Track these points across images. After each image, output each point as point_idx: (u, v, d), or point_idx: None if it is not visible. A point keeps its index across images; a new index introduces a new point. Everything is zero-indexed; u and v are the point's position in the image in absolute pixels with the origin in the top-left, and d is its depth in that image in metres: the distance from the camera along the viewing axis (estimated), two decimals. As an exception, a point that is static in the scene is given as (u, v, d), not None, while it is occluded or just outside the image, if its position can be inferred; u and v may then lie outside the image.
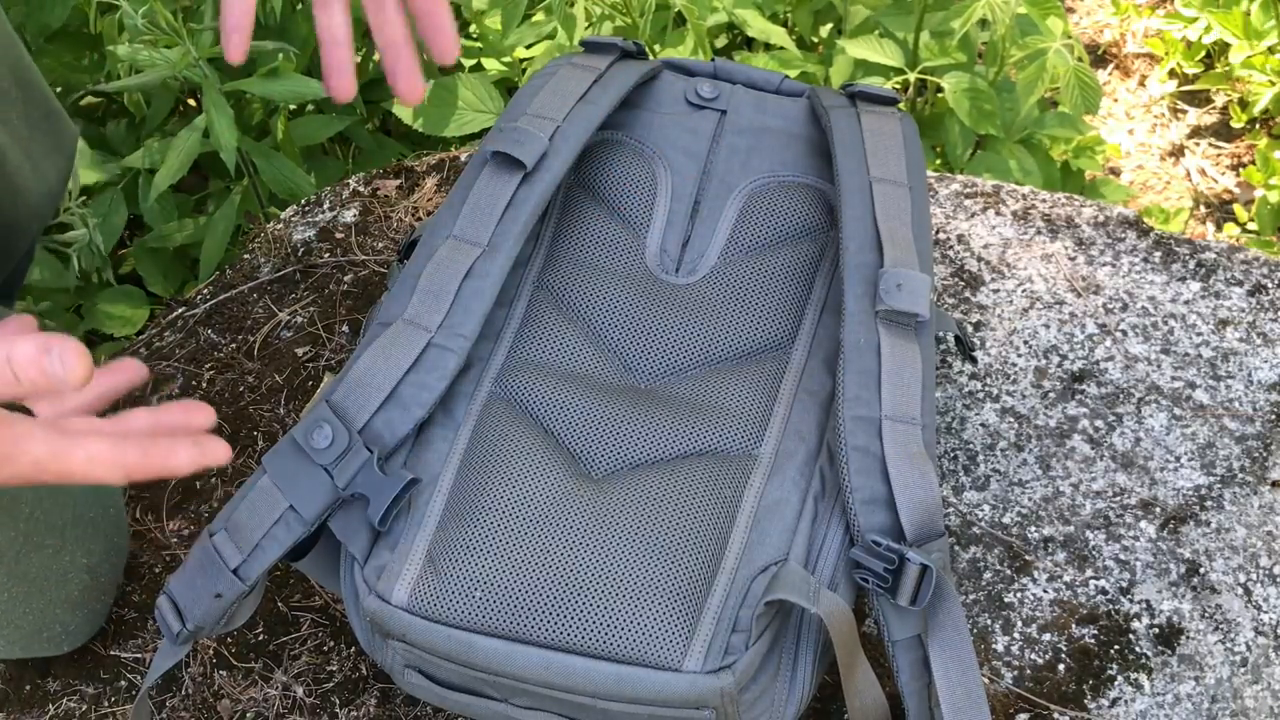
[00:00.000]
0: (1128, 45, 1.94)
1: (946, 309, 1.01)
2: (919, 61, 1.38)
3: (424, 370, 0.74)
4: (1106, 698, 0.82)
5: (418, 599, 0.69)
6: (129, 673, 0.89)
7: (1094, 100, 1.28)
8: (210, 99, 1.21)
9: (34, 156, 0.85)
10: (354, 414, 0.72)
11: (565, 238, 0.83)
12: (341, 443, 0.71)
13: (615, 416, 0.76)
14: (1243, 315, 1.00)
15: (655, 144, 0.86)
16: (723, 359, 0.79)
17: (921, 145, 0.88)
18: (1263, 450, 0.92)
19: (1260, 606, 0.85)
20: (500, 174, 0.80)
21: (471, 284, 0.76)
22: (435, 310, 0.76)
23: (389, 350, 0.74)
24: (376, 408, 0.72)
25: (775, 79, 0.90)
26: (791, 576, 0.69)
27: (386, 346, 0.74)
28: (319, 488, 0.70)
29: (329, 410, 0.72)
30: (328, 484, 0.70)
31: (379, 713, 0.85)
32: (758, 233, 0.83)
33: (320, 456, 0.70)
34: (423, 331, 0.75)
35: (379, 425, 0.72)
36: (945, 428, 0.94)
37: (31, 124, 0.86)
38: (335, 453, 0.70)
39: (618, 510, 0.72)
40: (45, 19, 1.27)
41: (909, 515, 0.71)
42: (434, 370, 0.74)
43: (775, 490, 0.73)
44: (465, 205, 0.80)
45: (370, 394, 0.73)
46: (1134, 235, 1.05)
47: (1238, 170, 1.78)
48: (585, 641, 0.68)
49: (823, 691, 0.82)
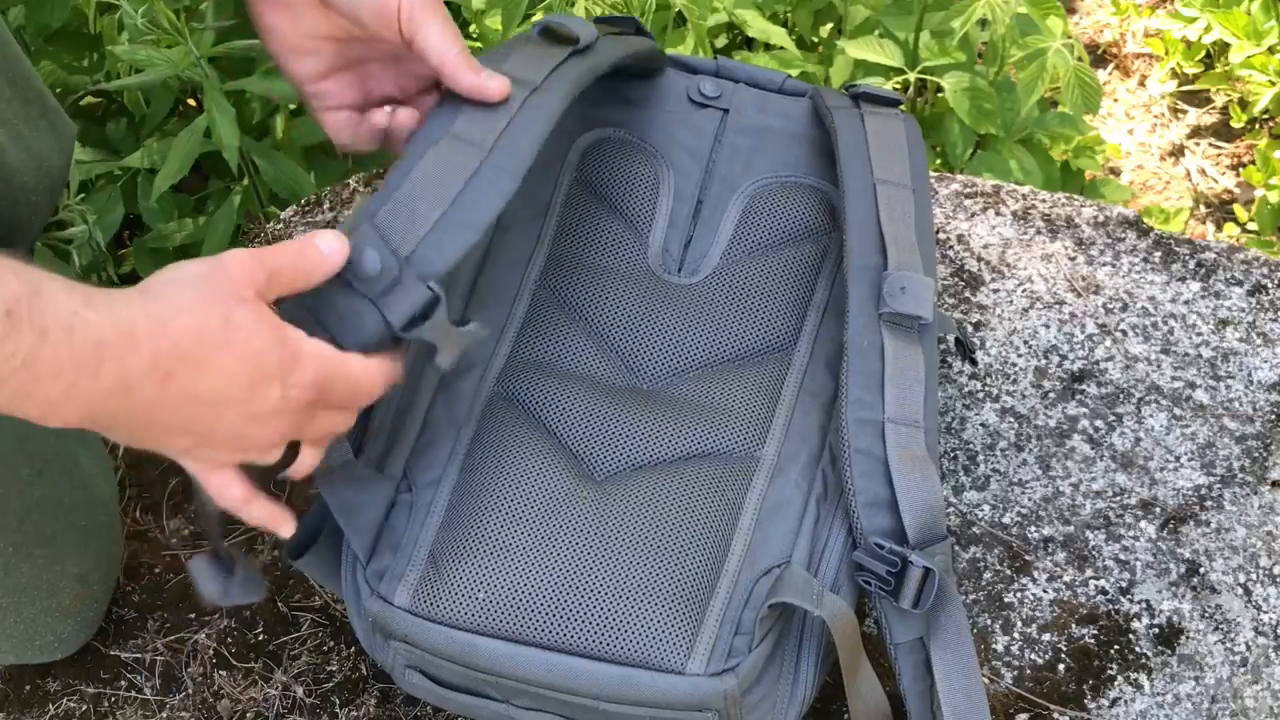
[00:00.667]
0: (1128, 45, 1.94)
1: (947, 309, 1.01)
2: (919, 61, 1.37)
3: (476, 192, 0.68)
4: (1106, 698, 0.82)
5: (420, 600, 0.69)
6: (129, 673, 0.89)
7: (1094, 100, 1.28)
8: (211, 98, 1.21)
9: (35, 153, 0.85)
10: (401, 236, 0.65)
11: (567, 237, 0.83)
12: (391, 273, 0.64)
13: (618, 418, 0.76)
14: (1243, 315, 1.00)
15: (657, 142, 0.86)
16: (725, 360, 0.79)
17: (924, 147, 0.88)
18: (1263, 450, 0.92)
19: (1260, 606, 0.85)
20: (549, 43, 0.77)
21: (525, 113, 0.72)
22: (489, 126, 0.70)
23: (439, 166, 0.68)
24: (427, 230, 0.66)
25: (778, 78, 0.90)
26: (795, 579, 0.69)
27: (436, 162, 0.69)
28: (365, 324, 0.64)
29: (374, 233, 0.65)
30: (377, 321, 0.64)
31: (379, 713, 0.85)
32: (760, 233, 0.83)
33: (368, 286, 0.64)
34: (475, 149, 0.69)
35: (428, 250, 0.65)
36: (945, 428, 0.94)
37: (30, 121, 0.86)
38: (384, 284, 0.64)
39: (620, 512, 0.72)
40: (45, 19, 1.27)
41: (911, 518, 0.71)
42: (487, 192, 0.68)
43: (777, 492, 0.73)
44: (513, 57, 0.75)
45: (416, 219, 0.66)
46: (1134, 235, 1.05)
47: (1238, 170, 1.78)
48: (588, 643, 0.68)
49: (823, 692, 0.82)
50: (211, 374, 0.57)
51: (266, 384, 0.59)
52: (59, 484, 0.80)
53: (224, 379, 0.57)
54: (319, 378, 0.61)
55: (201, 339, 0.56)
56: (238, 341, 0.57)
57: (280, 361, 0.59)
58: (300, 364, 0.60)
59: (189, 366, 0.56)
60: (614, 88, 0.87)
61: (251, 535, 0.94)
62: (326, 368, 0.61)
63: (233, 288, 0.58)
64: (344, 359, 0.63)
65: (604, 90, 0.86)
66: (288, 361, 0.59)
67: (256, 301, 0.59)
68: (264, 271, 0.60)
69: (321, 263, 0.63)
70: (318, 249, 0.63)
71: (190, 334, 0.56)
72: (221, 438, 0.60)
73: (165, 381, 0.56)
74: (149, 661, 0.89)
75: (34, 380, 0.51)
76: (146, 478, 0.98)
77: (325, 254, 0.63)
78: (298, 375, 0.60)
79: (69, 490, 0.81)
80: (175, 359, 0.56)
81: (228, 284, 0.58)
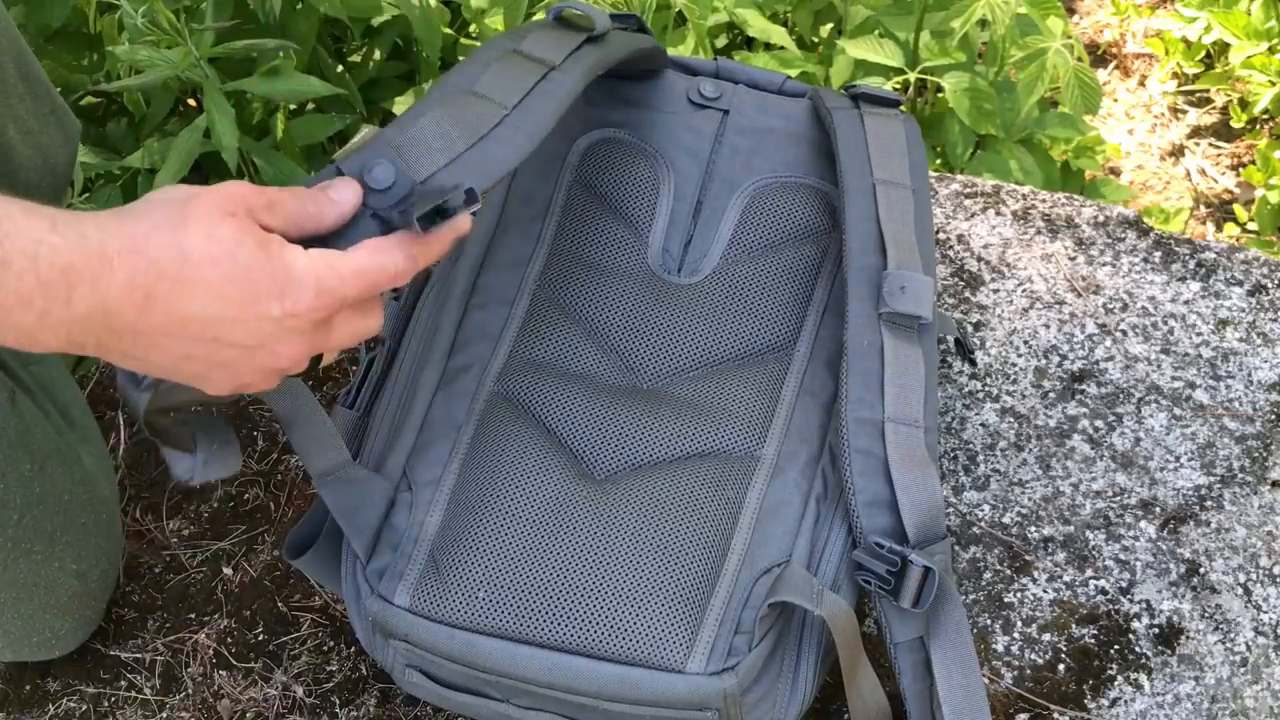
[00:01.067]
0: (1128, 45, 1.94)
1: (947, 309, 1.01)
2: (919, 61, 1.37)
3: (494, 142, 0.67)
4: (1106, 698, 0.82)
5: (420, 599, 0.69)
6: (129, 673, 0.89)
7: (1094, 100, 1.28)
8: (211, 99, 1.21)
9: (42, 150, 0.85)
10: (416, 163, 0.64)
11: (567, 237, 0.83)
12: (403, 188, 0.62)
13: (618, 417, 0.76)
14: (1243, 315, 1.00)
15: (657, 143, 0.86)
16: (725, 360, 0.79)
17: (924, 147, 0.88)
18: (1263, 450, 0.92)
19: (1260, 606, 0.85)
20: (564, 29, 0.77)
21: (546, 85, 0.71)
22: (511, 91, 0.70)
23: (458, 114, 0.67)
24: (439, 167, 0.64)
25: (778, 79, 0.90)
26: (795, 578, 0.69)
27: (453, 111, 0.67)
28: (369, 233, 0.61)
29: (389, 148, 0.64)
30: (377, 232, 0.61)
31: (379, 713, 0.85)
32: (760, 233, 0.83)
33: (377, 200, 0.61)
34: (497, 107, 0.69)
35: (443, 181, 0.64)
36: (945, 428, 0.94)
37: (41, 117, 0.86)
38: (394, 198, 0.62)
39: (620, 511, 0.72)
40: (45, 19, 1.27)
41: (911, 517, 0.71)
42: (504, 145, 0.67)
43: (777, 492, 0.73)
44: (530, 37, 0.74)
45: (432, 152, 0.64)
46: (1134, 235, 1.05)
47: (1238, 170, 1.78)
48: (588, 642, 0.68)
49: (823, 692, 0.82)
50: (199, 293, 0.54)
51: (262, 301, 0.55)
52: (59, 480, 0.80)
53: (212, 297, 0.54)
54: (323, 288, 0.57)
55: (184, 255, 0.53)
56: (221, 256, 0.54)
57: (272, 276, 0.55)
58: (295, 280, 0.56)
59: (170, 285, 0.53)
60: (614, 89, 0.87)
61: (251, 535, 0.94)
62: (328, 276, 0.57)
63: (218, 204, 0.55)
64: (346, 258, 0.58)
65: (604, 91, 0.87)
66: (280, 277, 0.56)
67: (245, 218, 0.55)
68: (262, 198, 0.57)
69: (330, 207, 0.60)
70: (328, 194, 0.60)
71: (169, 249, 0.53)
72: (231, 361, 0.57)
73: (147, 302, 0.53)
74: (149, 661, 0.89)
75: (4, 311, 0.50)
76: (146, 478, 0.98)
77: (336, 200, 0.60)
78: (295, 292, 0.56)
79: (69, 487, 0.81)
80: (154, 277, 0.52)
81: (215, 199, 0.55)
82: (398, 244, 0.60)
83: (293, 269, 0.56)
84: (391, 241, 0.60)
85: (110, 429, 1.00)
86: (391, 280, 0.60)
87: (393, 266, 0.60)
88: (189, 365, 0.57)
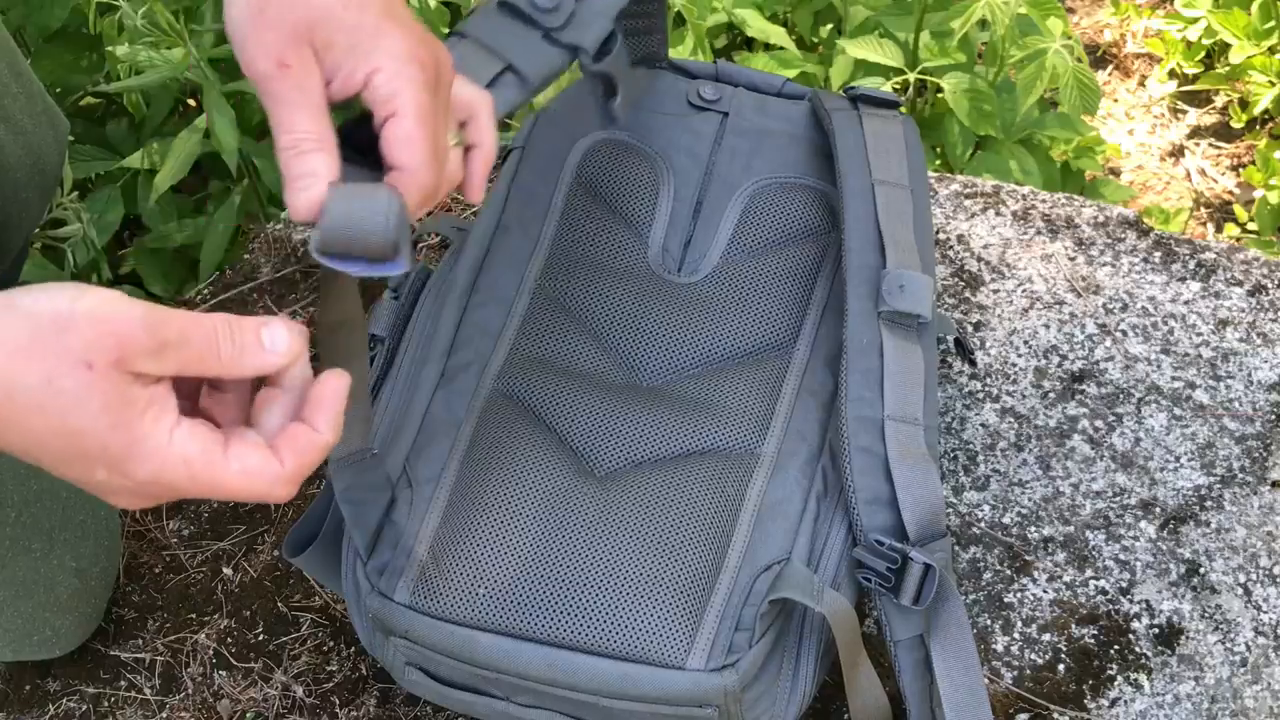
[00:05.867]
0: (1128, 45, 1.94)
1: (947, 309, 1.01)
2: (919, 62, 1.38)
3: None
4: (1106, 698, 0.82)
5: (420, 596, 0.69)
6: (129, 673, 0.89)
7: (1093, 101, 1.28)
8: (211, 100, 1.21)
9: (32, 149, 0.85)
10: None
11: (566, 236, 0.83)
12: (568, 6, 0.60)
13: (618, 414, 0.76)
14: (1243, 315, 1.00)
15: (657, 144, 0.86)
16: (725, 358, 0.79)
17: (923, 148, 0.88)
18: (1263, 450, 0.92)
19: (1260, 606, 0.85)
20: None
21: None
22: None
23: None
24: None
25: (777, 82, 0.90)
26: (795, 575, 0.69)
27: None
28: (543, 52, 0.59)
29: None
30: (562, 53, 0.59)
31: (379, 713, 0.85)
32: (760, 233, 0.84)
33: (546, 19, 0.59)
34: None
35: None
36: (945, 428, 0.94)
37: (33, 116, 0.86)
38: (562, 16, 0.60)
39: (621, 508, 0.72)
40: (45, 19, 1.27)
41: (912, 515, 0.71)
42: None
43: (778, 489, 0.73)
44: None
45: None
46: (1134, 235, 1.05)
47: (1238, 170, 1.78)
48: (588, 639, 0.68)
49: (823, 692, 0.82)
50: (18, 433, 0.48)
51: (85, 465, 0.49)
52: (56, 479, 0.80)
53: (31, 443, 0.49)
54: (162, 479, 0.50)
55: (9, 393, 0.47)
56: (51, 410, 0.47)
57: (105, 447, 0.49)
58: (134, 459, 0.49)
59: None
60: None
61: (251, 535, 0.94)
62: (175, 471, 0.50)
63: (81, 346, 0.48)
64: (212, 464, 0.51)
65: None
66: (115, 450, 0.49)
67: (107, 373, 0.48)
68: (153, 340, 0.49)
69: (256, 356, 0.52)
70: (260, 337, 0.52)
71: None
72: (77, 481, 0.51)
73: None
74: (149, 661, 0.89)
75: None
76: (146, 478, 0.98)
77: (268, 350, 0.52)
78: (130, 468, 0.49)
79: (66, 485, 0.81)
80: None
81: (77, 338, 0.48)
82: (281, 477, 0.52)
83: (135, 446, 0.49)
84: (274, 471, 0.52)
85: (110, 429, 1.00)
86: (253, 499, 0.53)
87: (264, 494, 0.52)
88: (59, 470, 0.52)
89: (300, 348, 0.53)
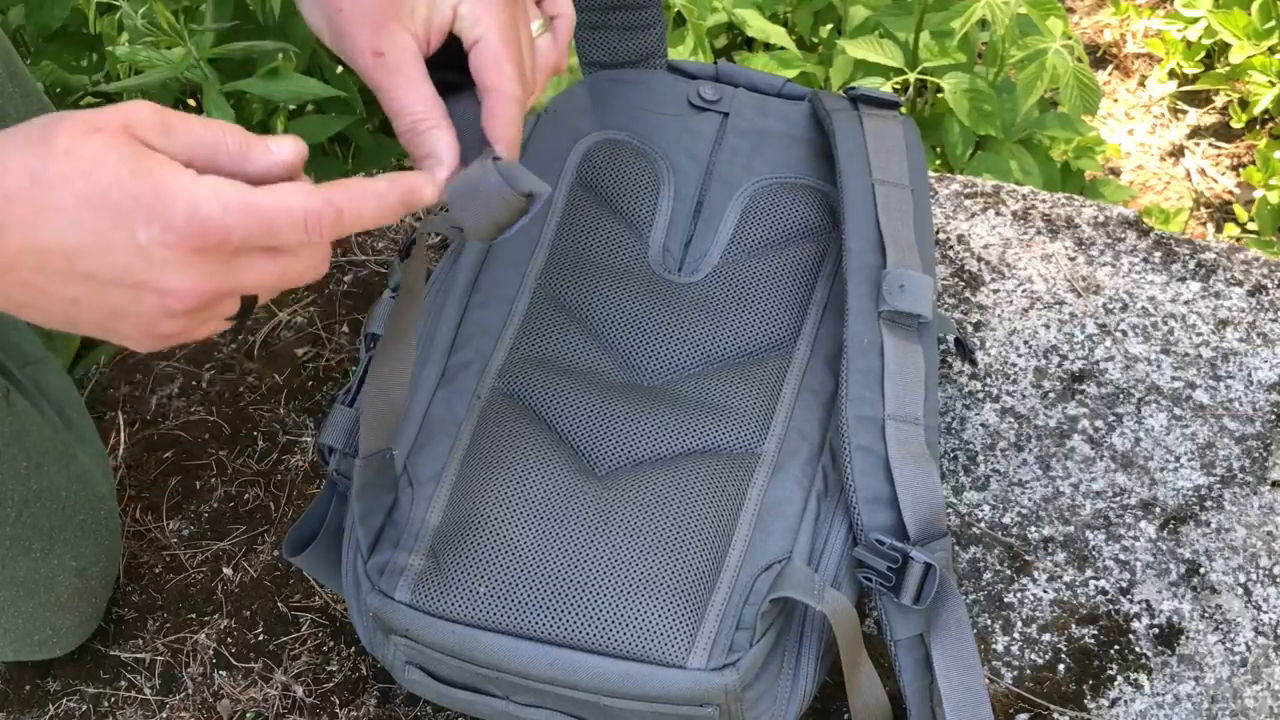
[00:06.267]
0: (1128, 45, 1.94)
1: (947, 309, 1.01)
2: (919, 62, 1.38)
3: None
4: (1106, 698, 0.82)
5: (421, 594, 0.69)
6: (129, 673, 0.89)
7: (1093, 101, 1.28)
8: (210, 99, 1.21)
9: None
10: None
11: (567, 236, 0.83)
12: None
13: (619, 414, 0.76)
14: (1243, 315, 1.00)
15: (657, 145, 0.86)
16: (725, 358, 0.79)
17: (923, 148, 0.88)
18: (1263, 450, 0.92)
19: (1260, 606, 0.85)
20: None
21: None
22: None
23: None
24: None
25: (777, 82, 0.90)
26: (796, 574, 0.69)
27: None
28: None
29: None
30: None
31: (379, 713, 0.85)
32: (760, 233, 0.84)
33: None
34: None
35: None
36: (945, 428, 0.94)
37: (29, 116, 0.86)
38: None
39: (622, 507, 0.72)
40: (45, 19, 1.27)
41: (912, 514, 0.71)
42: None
43: (778, 488, 0.73)
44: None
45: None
46: (1134, 235, 1.05)
47: (1238, 170, 1.78)
48: (589, 638, 0.68)
49: (823, 691, 0.82)
50: (51, 217, 0.48)
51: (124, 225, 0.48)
52: (56, 478, 0.80)
53: (66, 222, 0.48)
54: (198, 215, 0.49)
55: (34, 176, 0.47)
56: (73, 175, 0.47)
57: (135, 196, 0.48)
58: (164, 201, 0.48)
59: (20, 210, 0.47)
60: (615, 92, 0.88)
61: (251, 535, 0.94)
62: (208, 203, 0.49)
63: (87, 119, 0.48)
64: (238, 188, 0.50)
65: (605, 94, 0.87)
66: (146, 197, 0.48)
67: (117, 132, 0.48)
68: (156, 118, 0.50)
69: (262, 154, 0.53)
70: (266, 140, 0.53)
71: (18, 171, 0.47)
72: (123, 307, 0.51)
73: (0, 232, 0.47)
74: (149, 661, 0.89)
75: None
76: (146, 478, 0.98)
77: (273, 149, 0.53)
78: (163, 214, 0.48)
79: (66, 484, 0.81)
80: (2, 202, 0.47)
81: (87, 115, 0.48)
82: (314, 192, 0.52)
83: (163, 188, 0.49)
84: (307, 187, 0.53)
85: (110, 429, 1.00)
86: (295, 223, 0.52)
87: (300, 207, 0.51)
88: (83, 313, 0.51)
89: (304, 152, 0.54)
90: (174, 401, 1.01)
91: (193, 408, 1.01)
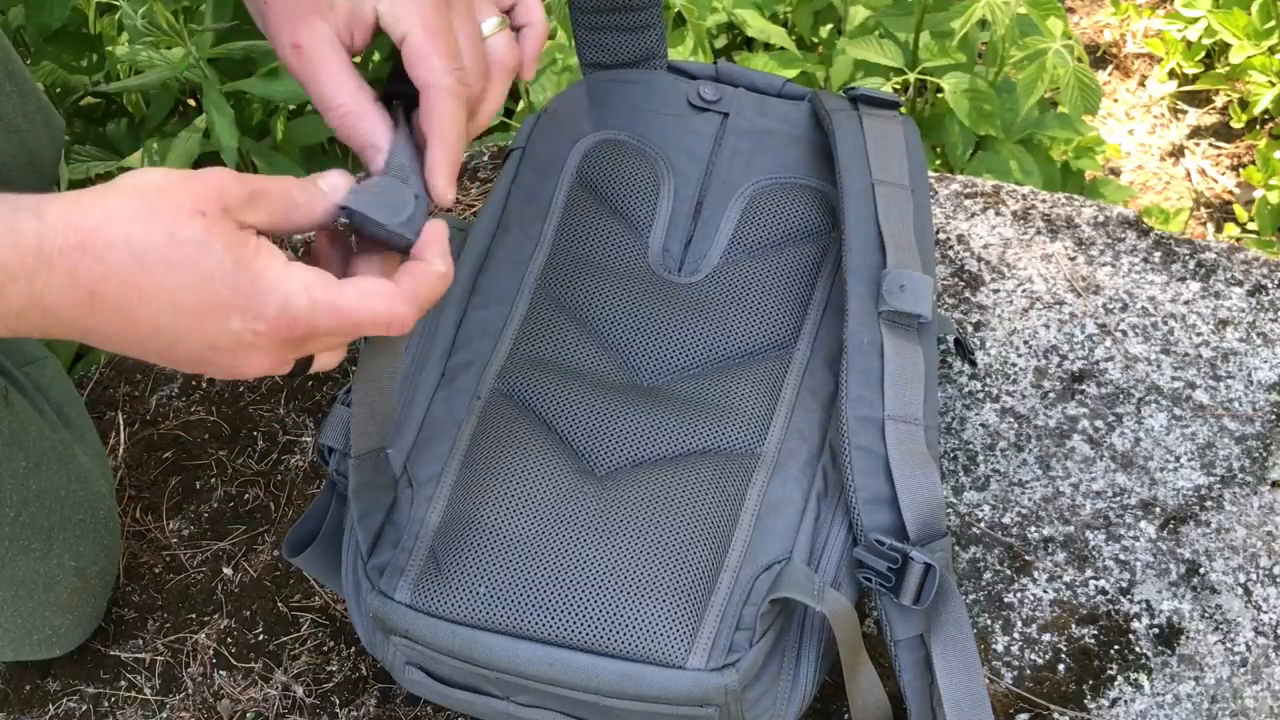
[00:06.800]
0: (1128, 45, 1.94)
1: (947, 309, 1.01)
2: (919, 62, 1.38)
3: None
4: (1106, 698, 0.82)
5: (421, 595, 0.69)
6: (129, 673, 0.89)
7: (1093, 101, 1.28)
8: (210, 99, 1.21)
9: (27, 148, 0.85)
10: None
11: (567, 236, 0.83)
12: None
13: (619, 414, 0.76)
14: (1243, 315, 1.00)
15: (657, 145, 0.86)
16: (725, 358, 0.79)
17: (923, 148, 0.88)
18: (1263, 450, 0.92)
19: (1260, 606, 0.85)
20: None
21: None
22: None
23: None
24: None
25: (777, 83, 0.90)
26: (796, 575, 0.69)
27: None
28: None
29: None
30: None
31: (379, 713, 0.85)
32: (760, 233, 0.84)
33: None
34: None
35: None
36: (945, 428, 0.94)
37: (28, 115, 0.85)
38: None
39: (621, 508, 0.72)
40: (45, 19, 1.27)
41: (912, 515, 0.71)
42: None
43: (778, 489, 0.73)
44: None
45: None
46: (1134, 235, 1.05)
47: (1238, 170, 1.78)
48: (589, 638, 0.68)
49: (824, 692, 0.82)
50: (150, 299, 0.50)
51: (220, 315, 0.51)
52: (55, 478, 0.80)
53: (164, 305, 0.50)
54: (288, 310, 0.52)
55: (138, 257, 0.49)
56: (179, 261, 0.49)
57: (235, 287, 0.51)
58: (261, 295, 0.52)
59: (119, 288, 0.49)
60: (615, 92, 0.87)
61: (251, 535, 0.94)
62: (299, 299, 0.53)
63: (191, 199, 0.50)
64: (328, 287, 0.54)
65: (605, 94, 0.87)
66: (245, 289, 0.51)
67: (219, 218, 0.51)
68: (244, 189, 0.52)
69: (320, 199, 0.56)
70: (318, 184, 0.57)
71: (121, 249, 0.49)
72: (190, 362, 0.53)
73: (91, 302, 0.49)
74: (149, 661, 0.89)
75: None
76: (146, 478, 0.98)
77: (327, 191, 0.57)
78: (258, 307, 0.52)
79: (65, 484, 0.81)
80: (100, 278, 0.49)
81: (186, 194, 0.50)
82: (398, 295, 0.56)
83: (259, 281, 0.52)
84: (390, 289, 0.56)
85: (110, 429, 1.00)
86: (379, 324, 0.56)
87: (384, 311, 0.55)
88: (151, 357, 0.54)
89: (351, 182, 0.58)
90: (174, 401, 1.02)
91: (192, 408, 1.01)
